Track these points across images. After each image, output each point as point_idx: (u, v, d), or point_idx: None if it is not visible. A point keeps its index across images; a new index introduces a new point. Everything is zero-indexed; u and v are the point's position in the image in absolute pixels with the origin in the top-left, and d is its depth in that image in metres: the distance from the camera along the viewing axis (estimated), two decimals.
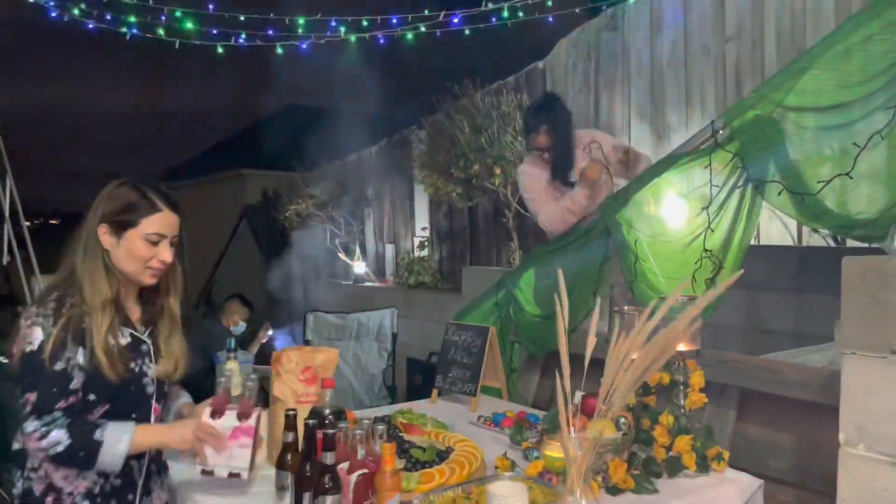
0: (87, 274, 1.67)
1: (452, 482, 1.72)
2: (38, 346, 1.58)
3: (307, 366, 1.99)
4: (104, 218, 1.69)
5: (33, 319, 1.61)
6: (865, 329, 1.52)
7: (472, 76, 5.19)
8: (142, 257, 1.70)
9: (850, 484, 1.53)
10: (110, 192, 1.72)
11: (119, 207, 1.69)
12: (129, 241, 1.69)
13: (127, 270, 1.70)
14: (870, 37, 2.07)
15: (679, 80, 4.34)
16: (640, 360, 1.41)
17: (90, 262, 1.68)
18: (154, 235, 1.70)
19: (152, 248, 1.70)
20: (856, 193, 2.17)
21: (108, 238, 1.69)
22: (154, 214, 1.70)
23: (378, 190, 7.54)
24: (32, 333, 1.59)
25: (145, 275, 1.73)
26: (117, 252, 1.69)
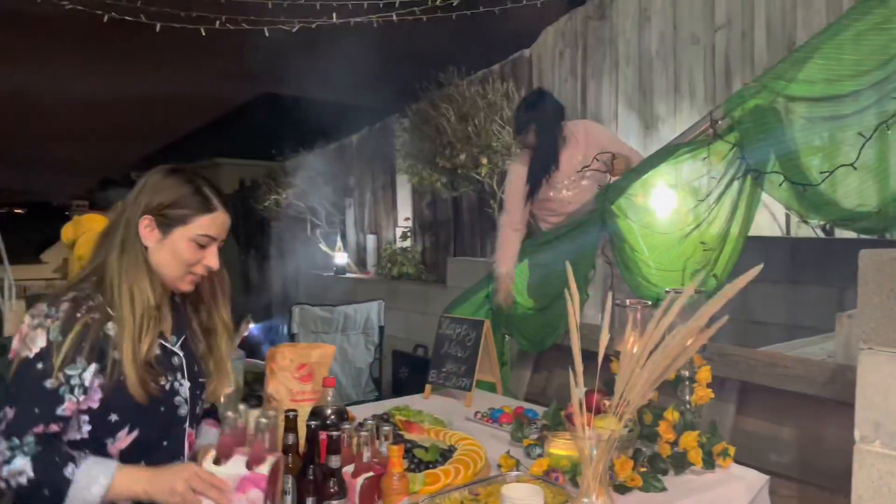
0: (126, 274, 1.43)
1: (458, 483, 1.66)
2: (35, 354, 1.35)
3: (302, 363, 1.92)
4: (149, 209, 1.46)
5: (40, 321, 1.37)
6: (883, 324, 1.48)
7: (457, 64, 5.11)
8: (186, 261, 1.48)
9: (865, 481, 1.50)
10: (158, 180, 1.48)
11: (168, 200, 1.46)
12: (174, 240, 1.46)
13: (165, 273, 1.48)
14: (879, 24, 2.04)
15: (668, 69, 4.30)
16: (658, 356, 1.36)
17: (129, 260, 1.44)
18: (204, 238, 1.48)
19: (199, 252, 1.49)
20: (858, 185, 2.15)
21: (151, 233, 1.46)
22: (208, 214, 1.48)
23: (360, 179, 7.44)
24: (35, 338, 1.36)
25: (184, 281, 1.51)
26: (159, 251, 1.46)
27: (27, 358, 1.35)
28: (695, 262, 2.46)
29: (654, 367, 1.36)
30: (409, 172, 5.42)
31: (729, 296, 1.34)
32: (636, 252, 2.66)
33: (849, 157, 2.13)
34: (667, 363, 1.32)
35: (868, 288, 1.52)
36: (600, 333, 1.52)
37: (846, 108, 2.16)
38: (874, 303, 1.50)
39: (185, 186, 1.47)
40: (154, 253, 1.46)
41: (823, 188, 2.16)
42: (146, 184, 1.48)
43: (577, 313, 1.54)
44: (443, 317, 2.81)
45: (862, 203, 2.18)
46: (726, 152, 2.46)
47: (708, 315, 1.35)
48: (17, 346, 1.38)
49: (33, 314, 1.39)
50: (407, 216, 6.80)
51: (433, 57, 5.34)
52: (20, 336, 1.38)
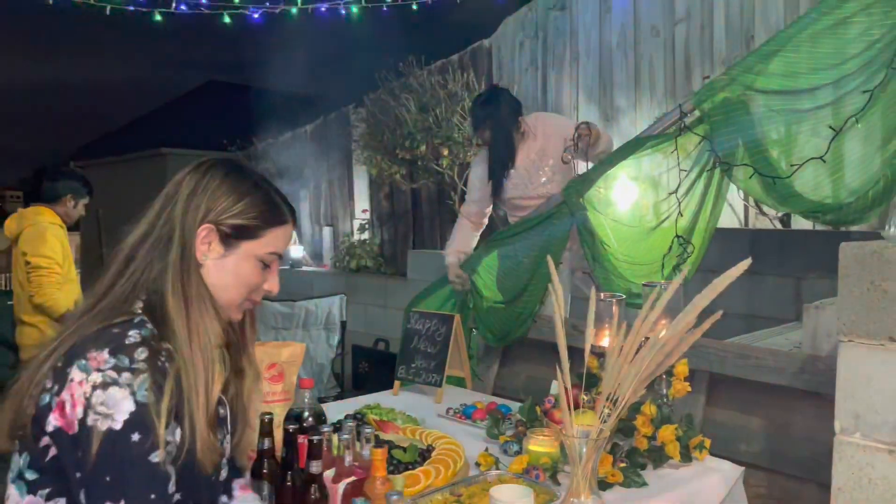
0: (192, 302, 1.14)
1: (439, 484, 1.62)
2: (125, 423, 1.01)
3: (272, 362, 1.84)
4: (210, 216, 1.17)
5: (111, 377, 1.03)
6: (863, 316, 1.50)
7: (417, 53, 5.03)
8: (249, 283, 1.22)
9: (846, 473, 1.52)
10: (220, 180, 1.19)
11: (235, 206, 1.19)
12: (240, 257, 1.20)
13: (220, 298, 1.19)
14: (844, 19, 2.07)
15: (628, 62, 4.33)
16: (648, 352, 1.34)
17: (192, 283, 1.15)
18: (272, 255, 1.23)
19: (261, 273, 1.23)
20: (826, 177, 2.18)
21: (209, 247, 1.18)
22: (280, 227, 1.23)
23: (315, 170, 7.29)
24: (114, 402, 1.02)
25: (238, 310, 1.24)
26: (218, 270, 1.19)
27: (113, 431, 1.01)
28: (669, 255, 2.46)
29: (644, 364, 1.33)
30: (368, 163, 5.33)
31: (719, 289, 1.32)
32: (605, 245, 2.65)
33: (818, 149, 2.16)
34: (659, 359, 1.30)
35: (849, 280, 1.53)
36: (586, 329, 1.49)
37: (816, 100, 2.19)
38: (855, 295, 1.52)
39: (256, 191, 1.22)
40: (210, 272, 1.19)
41: (792, 180, 2.18)
42: (201, 182, 1.19)
43: (561, 306, 1.51)
44: (411, 311, 2.76)
45: (827, 195, 2.21)
46: (695, 145, 2.47)
47: (698, 309, 1.34)
48: (74, 413, 1.03)
49: (88, 366, 1.04)
50: (365, 208, 6.70)
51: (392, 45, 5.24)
52: (73, 400, 1.03)
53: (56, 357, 1.08)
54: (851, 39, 2.09)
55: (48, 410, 1.04)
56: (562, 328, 1.46)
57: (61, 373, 1.05)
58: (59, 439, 1.04)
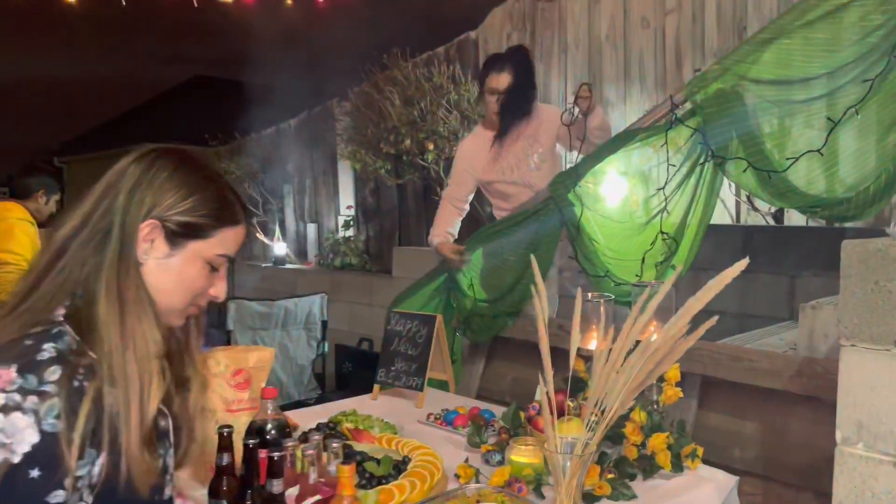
0: (127, 306, 1.02)
1: (414, 499, 1.51)
2: (24, 456, 0.89)
3: (239, 368, 1.72)
4: (155, 211, 1.06)
5: (15, 401, 0.91)
6: (867, 319, 1.39)
7: (402, 45, 4.91)
8: (193, 287, 1.11)
9: (847, 485, 1.42)
10: (168, 172, 1.07)
11: (184, 202, 1.07)
12: (187, 258, 1.09)
13: (162, 302, 1.08)
14: (842, 5, 1.97)
15: (617, 54, 4.22)
16: (638, 359, 1.23)
17: (128, 284, 1.03)
18: (220, 259, 1.12)
19: (208, 277, 1.12)
20: (824, 171, 2.08)
21: (155, 245, 1.07)
22: (232, 227, 1.12)
23: (299, 165, 7.16)
24: (14, 431, 0.90)
25: (180, 316, 1.13)
26: (161, 271, 1.07)
27: (10, 465, 0.89)
28: (656, 252, 2.36)
29: (634, 372, 1.23)
30: (352, 158, 5.20)
31: (715, 290, 1.22)
32: (594, 242, 2.55)
33: (812, 142, 2.07)
34: (650, 368, 1.20)
35: (851, 281, 1.43)
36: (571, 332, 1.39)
37: (810, 91, 2.09)
38: (858, 296, 1.41)
39: (208, 186, 1.10)
40: (151, 273, 1.07)
41: (788, 174, 2.09)
42: (148, 174, 1.07)
43: (545, 310, 1.40)
44: (392, 312, 2.65)
45: (825, 190, 2.12)
46: (686, 138, 2.37)
47: (691, 313, 1.23)
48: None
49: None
50: (349, 204, 6.58)
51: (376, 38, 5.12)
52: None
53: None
54: (849, 26, 1.99)
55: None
56: (545, 332, 1.35)
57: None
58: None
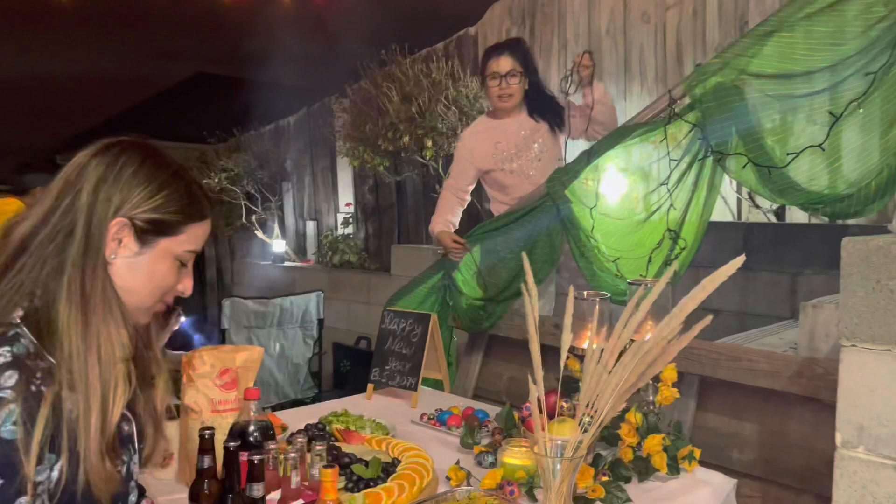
0: (91, 308, 0.99)
1: (403, 502, 1.47)
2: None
3: (225, 368, 1.69)
4: (124, 208, 1.03)
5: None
6: (868, 318, 1.35)
7: (400, 41, 4.86)
8: (163, 285, 1.09)
9: (848, 490, 1.38)
10: (135, 167, 1.04)
11: (154, 199, 1.05)
12: (157, 255, 1.07)
13: (130, 301, 1.06)
14: None
15: (617, 49, 4.17)
16: (630, 360, 1.19)
17: (94, 285, 1.00)
18: (189, 254, 1.11)
19: (177, 273, 1.11)
20: (825, 167, 2.04)
21: (123, 243, 1.04)
22: (200, 222, 1.11)
23: (298, 163, 7.12)
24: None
25: (147, 314, 1.11)
26: (130, 269, 1.05)
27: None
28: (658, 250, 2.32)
29: (626, 373, 1.19)
30: (350, 155, 5.16)
31: (711, 289, 1.18)
32: (592, 239, 2.51)
33: (814, 138, 2.02)
34: (641, 369, 1.16)
35: (852, 280, 1.38)
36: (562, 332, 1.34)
37: (812, 85, 2.04)
38: (859, 296, 1.37)
39: (175, 182, 1.08)
40: (120, 272, 1.04)
41: (789, 171, 2.04)
42: (112, 169, 1.03)
43: (535, 308, 1.36)
44: (386, 310, 2.61)
45: (827, 186, 2.07)
46: (685, 133, 2.32)
47: (686, 313, 1.19)
48: None
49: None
50: (348, 201, 6.53)
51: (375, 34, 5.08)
52: None
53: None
54: (851, 19, 1.95)
55: None
56: (535, 331, 1.31)
57: None
58: None
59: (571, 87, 2.80)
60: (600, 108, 2.82)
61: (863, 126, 1.93)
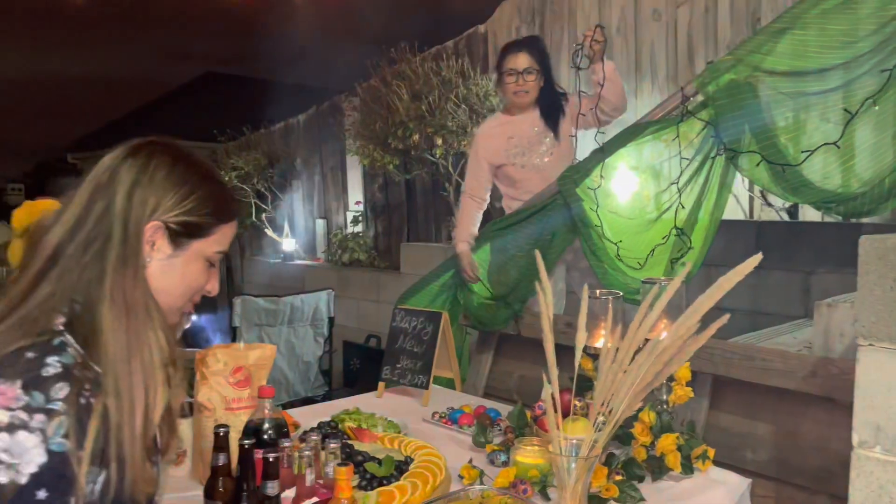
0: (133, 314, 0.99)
1: (416, 500, 1.47)
2: (31, 477, 0.86)
3: (238, 366, 1.69)
4: (158, 212, 1.03)
5: (21, 419, 0.87)
6: (885, 318, 1.34)
7: (410, 40, 4.86)
8: (194, 285, 1.10)
9: (864, 490, 1.37)
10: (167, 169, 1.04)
11: (191, 202, 1.05)
12: (190, 257, 1.07)
13: (163, 303, 1.06)
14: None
15: (628, 47, 4.16)
16: (645, 359, 1.19)
17: (136, 288, 1.00)
18: (217, 255, 1.12)
19: (207, 273, 1.12)
20: (839, 165, 2.03)
21: (157, 246, 1.05)
22: (229, 223, 1.12)
23: (307, 161, 7.13)
24: (21, 451, 0.86)
25: (178, 314, 1.12)
26: (165, 272, 1.05)
27: (16, 485, 0.85)
28: (669, 248, 2.31)
29: (641, 373, 1.18)
30: (360, 154, 5.16)
31: (726, 288, 1.17)
32: (603, 238, 2.50)
33: (828, 136, 2.01)
34: (657, 369, 1.15)
35: (869, 278, 1.37)
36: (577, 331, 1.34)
37: (825, 83, 2.03)
38: (876, 294, 1.36)
39: (206, 184, 1.08)
40: (154, 275, 1.04)
41: (803, 169, 2.03)
42: (145, 173, 1.02)
43: (549, 306, 1.36)
44: (397, 309, 2.61)
45: (841, 184, 2.06)
46: (697, 131, 2.31)
47: (701, 312, 1.18)
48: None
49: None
50: (358, 200, 6.54)
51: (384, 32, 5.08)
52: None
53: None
54: (865, 16, 1.93)
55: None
56: (549, 330, 1.31)
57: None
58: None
59: (584, 62, 2.78)
60: (609, 85, 2.78)
61: (876, 124, 1.92)
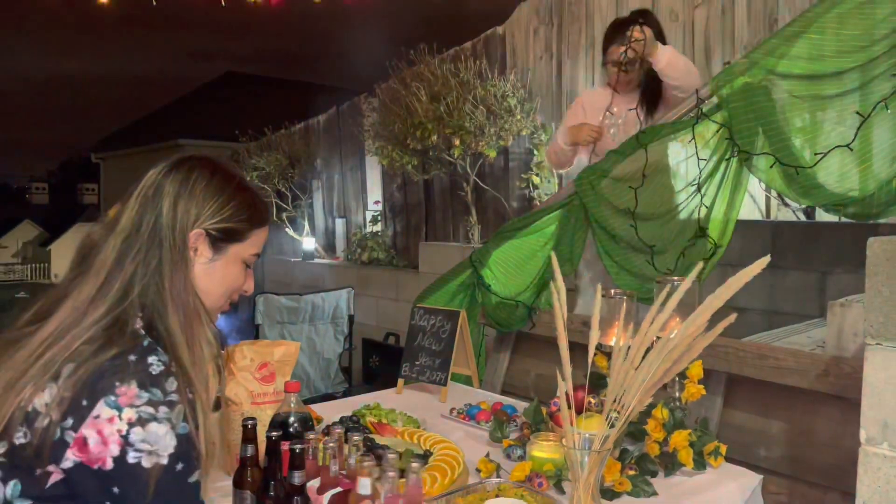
0: (189, 317, 1.10)
1: (434, 493, 1.53)
2: (170, 457, 1.00)
3: (264, 362, 1.76)
4: (200, 220, 1.14)
5: (148, 412, 1.00)
6: (893, 317, 1.37)
7: (429, 41, 4.92)
8: (233, 286, 1.21)
9: (872, 486, 1.40)
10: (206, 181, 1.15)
11: (228, 211, 1.16)
12: (229, 260, 1.18)
13: (206, 303, 1.17)
14: None
15: None
16: (656, 357, 1.23)
17: (187, 293, 1.12)
18: (253, 257, 1.23)
19: (244, 274, 1.23)
20: (851, 168, 2.05)
21: (199, 252, 1.15)
22: (262, 227, 1.23)
23: (327, 161, 7.22)
24: (157, 437, 0.99)
25: (219, 312, 1.23)
26: (206, 275, 1.16)
27: (160, 466, 0.99)
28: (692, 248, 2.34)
29: (652, 370, 1.23)
30: (379, 154, 5.24)
31: (735, 287, 1.21)
32: (618, 239, 2.54)
33: (843, 138, 2.03)
34: (667, 366, 1.19)
35: (877, 279, 1.41)
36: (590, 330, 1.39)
37: (842, 85, 2.05)
38: (884, 295, 1.39)
39: (241, 192, 1.19)
40: (198, 279, 1.16)
41: (815, 171, 2.06)
42: (186, 186, 1.13)
43: (563, 306, 1.40)
44: (416, 307, 2.67)
45: (852, 187, 2.08)
46: (713, 133, 2.34)
47: (711, 311, 1.23)
48: (106, 450, 0.98)
49: (118, 403, 0.99)
50: (377, 199, 6.62)
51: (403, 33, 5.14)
52: (103, 437, 0.98)
53: (38, 377, 1.01)
54: (880, 20, 1.95)
55: (63, 445, 0.98)
56: (563, 329, 1.35)
57: (76, 406, 0.99)
58: (78, 474, 0.99)
59: (628, 66, 2.77)
60: (671, 71, 2.72)
61: (885, 128, 1.94)
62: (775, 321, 3.22)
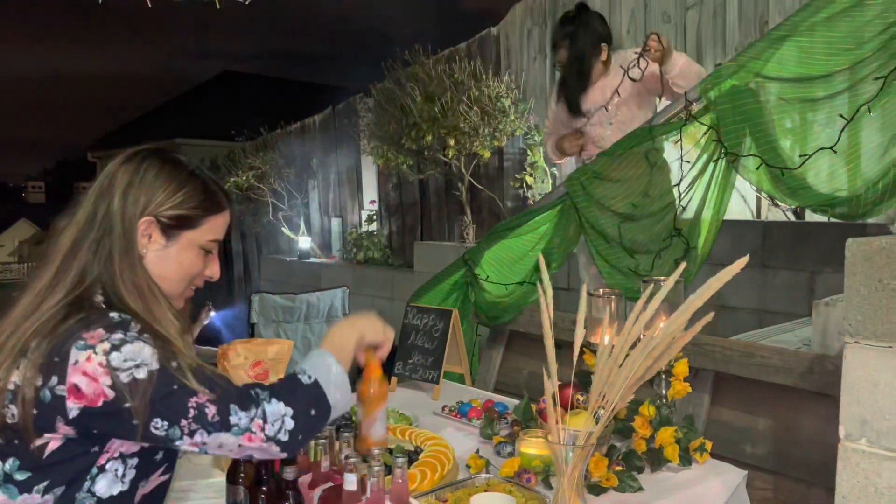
0: (140, 294, 1.14)
1: (424, 488, 1.56)
2: (159, 363, 1.06)
3: (258, 360, 1.79)
4: (150, 208, 1.17)
5: (118, 338, 1.05)
6: (871, 316, 1.41)
7: (424, 42, 4.96)
8: (191, 271, 1.23)
9: (851, 481, 1.44)
10: (156, 171, 1.19)
11: (174, 197, 1.19)
12: (182, 246, 1.21)
13: (164, 288, 1.20)
14: (859, 2, 1.96)
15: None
16: (638, 354, 1.27)
17: (138, 275, 1.15)
18: (212, 243, 1.25)
19: (203, 260, 1.25)
20: (835, 169, 2.08)
21: (152, 238, 1.19)
22: (219, 214, 1.25)
23: (323, 161, 7.24)
24: (137, 352, 1.05)
25: (181, 298, 1.26)
26: (160, 261, 1.19)
27: (154, 371, 1.05)
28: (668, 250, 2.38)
29: (635, 367, 1.26)
30: (375, 154, 5.26)
31: (715, 288, 1.25)
32: (609, 238, 2.57)
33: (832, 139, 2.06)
34: (648, 364, 1.23)
35: (856, 279, 1.44)
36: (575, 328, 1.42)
37: (831, 87, 2.09)
38: (862, 294, 1.43)
39: (192, 180, 1.21)
40: (152, 264, 1.19)
41: (802, 172, 2.09)
42: (138, 174, 1.17)
43: (549, 305, 1.44)
44: (409, 307, 2.70)
45: (839, 188, 2.12)
46: (701, 134, 2.38)
47: (692, 309, 1.26)
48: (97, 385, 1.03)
49: (88, 344, 1.04)
50: (373, 199, 6.65)
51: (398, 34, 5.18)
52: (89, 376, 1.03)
53: (7, 358, 1.06)
54: (868, 22, 1.99)
55: (59, 405, 1.03)
56: (549, 327, 1.39)
57: (52, 365, 1.03)
58: (86, 418, 1.04)
59: (637, 74, 2.81)
60: (681, 80, 2.73)
61: (872, 128, 1.97)
62: (765, 320, 3.25)
